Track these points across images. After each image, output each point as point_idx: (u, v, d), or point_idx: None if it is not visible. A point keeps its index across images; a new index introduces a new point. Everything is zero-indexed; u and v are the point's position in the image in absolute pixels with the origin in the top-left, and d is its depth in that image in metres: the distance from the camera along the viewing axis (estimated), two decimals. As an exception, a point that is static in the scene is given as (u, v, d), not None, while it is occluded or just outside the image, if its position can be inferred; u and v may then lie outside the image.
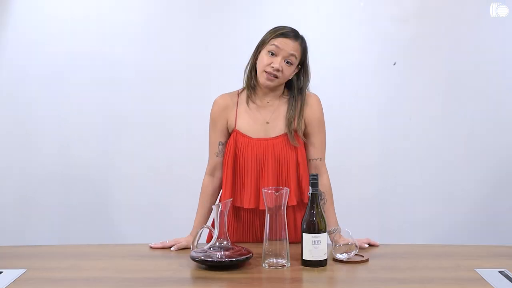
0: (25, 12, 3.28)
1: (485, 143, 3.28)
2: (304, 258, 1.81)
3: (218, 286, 1.70)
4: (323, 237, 1.81)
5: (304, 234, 1.80)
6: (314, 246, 1.79)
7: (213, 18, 3.29)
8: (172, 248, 2.04)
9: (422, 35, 3.26)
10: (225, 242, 1.83)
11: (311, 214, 1.82)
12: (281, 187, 1.86)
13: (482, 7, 3.23)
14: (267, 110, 2.12)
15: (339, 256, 1.88)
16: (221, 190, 2.16)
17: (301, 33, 2.10)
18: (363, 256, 1.90)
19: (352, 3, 3.28)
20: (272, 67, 2.03)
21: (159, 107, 3.31)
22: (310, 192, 1.84)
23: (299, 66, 2.11)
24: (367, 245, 2.04)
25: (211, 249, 1.82)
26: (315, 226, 1.80)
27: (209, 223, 2.15)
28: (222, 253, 1.80)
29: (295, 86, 2.13)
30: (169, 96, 3.31)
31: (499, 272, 1.76)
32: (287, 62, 2.04)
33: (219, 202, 2.16)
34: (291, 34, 2.07)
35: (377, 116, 3.30)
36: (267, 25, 2.13)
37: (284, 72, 2.05)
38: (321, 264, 1.81)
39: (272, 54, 2.04)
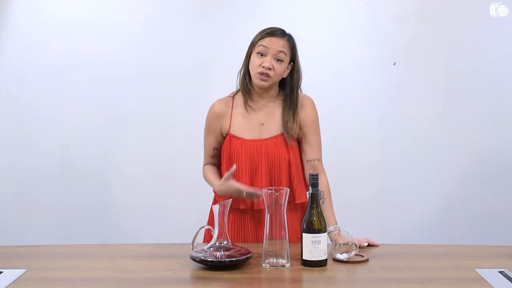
0: (25, 12, 3.28)
1: (485, 143, 3.28)
2: (304, 258, 1.81)
3: (218, 286, 1.70)
4: (323, 237, 1.81)
5: (304, 234, 1.80)
6: (314, 246, 1.79)
7: (213, 18, 3.29)
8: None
9: (422, 35, 3.26)
10: (225, 242, 1.83)
11: (311, 214, 1.82)
12: (281, 187, 1.86)
13: (482, 7, 3.23)
14: (262, 112, 2.14)
15: (339, 256, 1.88)
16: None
17: (289, 31, 2.13)
18: (363, 256, 1.90)
19: (352, 3, 3.28)
20: (263, 66, 2.05)
21: (159, 107, 3.31)
22: (310, 192, 1.84)
23: (292, 63, 2.12)
24: (367, 244, 2.04)
25: (211, 249, 1.82)
26: (315, 226, 1.80)
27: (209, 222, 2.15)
28: (222, 253, 1.80)
29: (289, 86, 2.15)
30: (169, 96, 3.31)
31: (499, 272, 1.76)
32: (278, 60, 2.07)
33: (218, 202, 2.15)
34: (278, 32, 2.11)
35: (377, 116, 3.30)
36: (267, 25, 2.14)
37: (276, 70, 2.07)
38: (321, 264, 1.81)
39: (262, 54, 2.07)
